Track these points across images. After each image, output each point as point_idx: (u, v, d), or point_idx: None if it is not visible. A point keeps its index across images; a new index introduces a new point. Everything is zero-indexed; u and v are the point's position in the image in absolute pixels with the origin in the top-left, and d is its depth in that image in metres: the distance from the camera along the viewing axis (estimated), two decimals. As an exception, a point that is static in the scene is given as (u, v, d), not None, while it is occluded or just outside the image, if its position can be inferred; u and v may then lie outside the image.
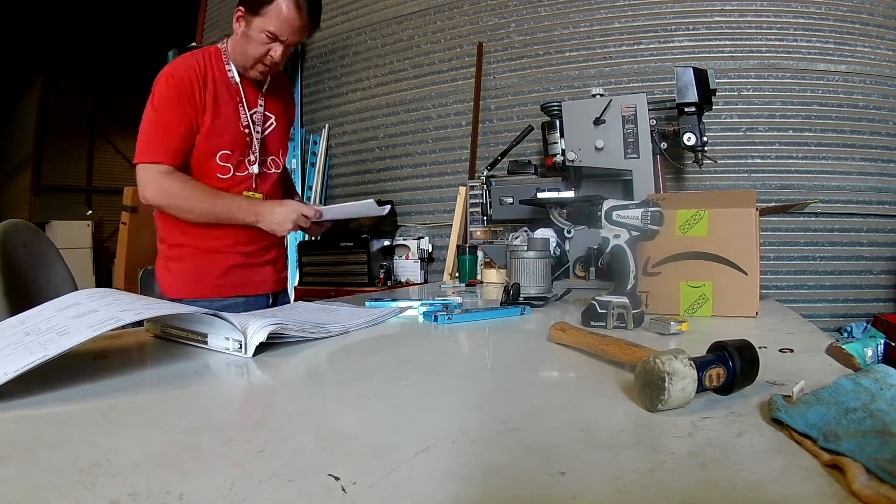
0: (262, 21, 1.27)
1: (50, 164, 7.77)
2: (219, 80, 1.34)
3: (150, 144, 1.28)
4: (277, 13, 1.27)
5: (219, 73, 1.35)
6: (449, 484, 0.37)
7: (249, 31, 1.29)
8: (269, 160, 1.45)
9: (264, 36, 1.29)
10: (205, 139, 1.31)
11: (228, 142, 1.34)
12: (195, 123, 1.30)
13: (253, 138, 1.39)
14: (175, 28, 2.88)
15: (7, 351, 0.61)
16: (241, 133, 1.37)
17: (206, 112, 1.30)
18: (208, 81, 1.32)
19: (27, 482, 0.38)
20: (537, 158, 2.57)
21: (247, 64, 1.34)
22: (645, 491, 0.35)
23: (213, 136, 1.32)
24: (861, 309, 2.65)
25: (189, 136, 1.30)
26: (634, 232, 0.93)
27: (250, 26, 1.29)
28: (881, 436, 0.38)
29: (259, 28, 1.28)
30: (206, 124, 1.30)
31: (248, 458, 0.41)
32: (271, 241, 1.46)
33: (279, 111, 1.48)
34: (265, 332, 0.76)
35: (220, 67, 1.35)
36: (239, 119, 1.36)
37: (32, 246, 1.39)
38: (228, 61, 1.37)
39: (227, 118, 1.34)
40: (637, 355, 0.60)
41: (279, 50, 1.31)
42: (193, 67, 1.30)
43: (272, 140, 1.45)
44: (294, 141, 3.72)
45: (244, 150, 1.38)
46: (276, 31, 1.28)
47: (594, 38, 2.95)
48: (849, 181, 2.66)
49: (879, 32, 2.66)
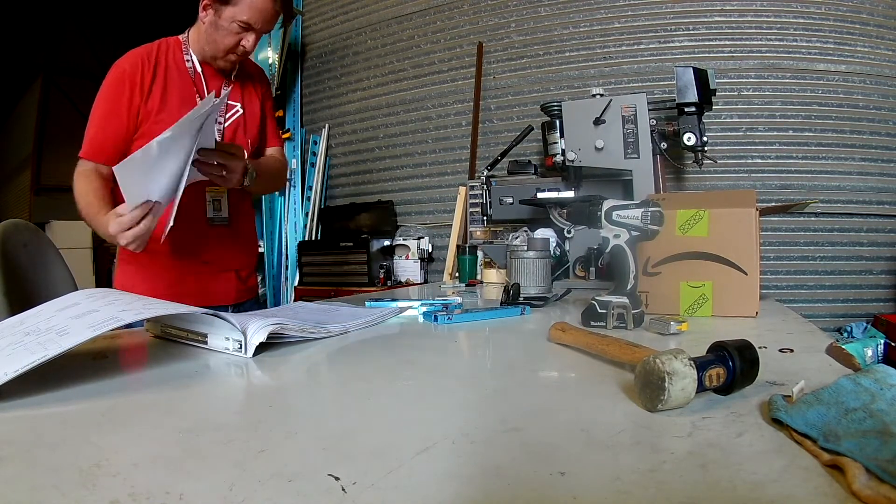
0: (233, 10, 1.23)
1: (50, 164, 7.77)
2: (172, 69, 1.29)
3: (85, 139, 1.25)
4: (250, 2, 1.22)
5: (173, 63, 1.30)
6: (449, 484, 0.37)
7: (220, 21, 1.25)
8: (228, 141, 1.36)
9: (236, 25, 1.24)
10: (151, 128, 1.24)
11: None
12: (134, 113, 1.24)
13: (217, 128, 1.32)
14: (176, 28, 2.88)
15: (7, 351, 0.61)
16: None
17: (150, 100, 1.25)
18: (159, 70, 1.27)
19: (27, 482, 0.38)
20: (537, 158, 2.57)
21: (217, 54, 1.29)
22: (645, 491, 0.35)
23: (159, 125, 1.22)
24: (861, 309, 2.65)
25: (120, 127, 1.23)
26: (634, 232, 0.93)
27: (220, 16, 1.24)
28: (881, 436, 0.38)
29: (230, 17, 1.24)
30: (152, 112, 1.25)
31: (248, 458, 0.41)
32: (236, 249, 1.41)
33: (248, 97, 1.41)
34: (265, 332, 0.76)
35: (176, 56, 1.31)
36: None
37: (32, 246, 1.39)
38: (188, 50, 1.32)
39: (175, 108, 1.26)
40: (637, 355, 0.60)
41: (251, 39, 1.27)
42: (141, 56, 1.26)
43: (237, 130, 1.38)
44: (294, 141, 3.72)
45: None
46: (249, 20, 1.24)
47: (594, 38, 2.95)
48: (849, 181, 2.66)
49: (879, 32, 2.66)
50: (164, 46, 1.31)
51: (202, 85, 1.33)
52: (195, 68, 1.32)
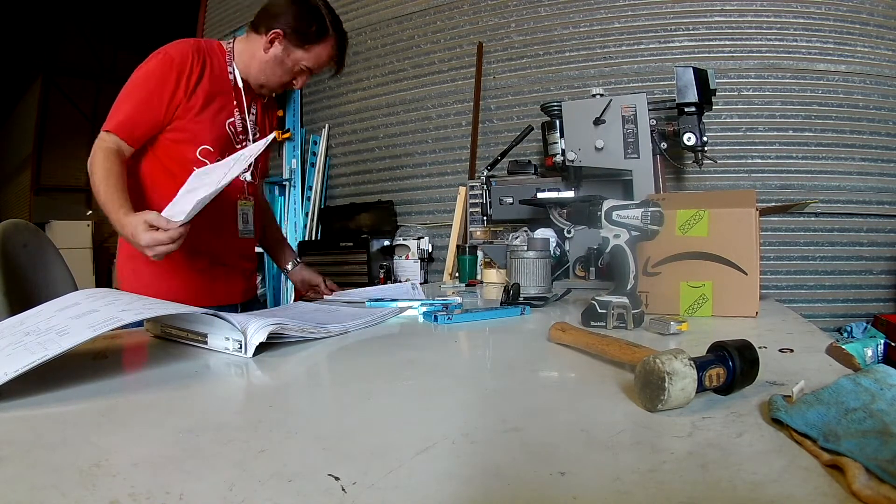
0: (303, 55, 1.28)
1: (50, 164, 7.77)
2: (217, 74, 1.29)
3: (115, 113, 1.19)
4: (319, 53, 1.29)
5: (218, 69, 1.30)
6: (449, 484, 0.37)
7: (286, 60, 1.28)
8: (252, 170, 1.40)
9: (300, 68, 1.30)
10: (186, 125, 1.23)
11: (211, 139, 1.27)
12: (175, 105, 1.22)
13: (248, 144, 1.34)
14: (175, 28, 2.89)
15: (7, 351, 0.61)
16: (226, 133, 1.31)
17: (193, 98, 1.23)
18: (206, 71, 1.26)
19: (27, 482, 0.38)
20: (537, 158, 2.57)
21: (269, 85, 1.33)
22: (645, 491, 0.35)
23: (199, 124, 1.25)
24: (861, 309, 2.65)
25: (157, 116, 1.21)
26: (634, 232, 0.93)
27: (289, 55, 1.28)
28: (881, 436, 0.38)
29: (297, 60, 1.29)
30: (191, 112, 1.23)
31: (248, 458, 0.41)
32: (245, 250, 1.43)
33: (265, 123, 1.45)
34: (265, 332, 0.76)
35: (220, 64, 1.31)
36: (229, 119, 1.31)
37: (32, 246, 1.39)
38: (232, 62, 1.32)
39: (214, 113, 1.27)
40: (637, 355, 0.60)
41: (304, 80, 1.34)
42: (192, 52, 1.24)
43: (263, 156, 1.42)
44: (294, 141, 3.72)
45: (226, 152, 1.29)
46: (313, 68, 1.31)
47: (594, 38, 2.95)
48: (849, 181, 2.66)
49: (879, 32, 2.66)
50: (209, 48, 1.30)
51: (242, 99, 1.34)
52: (237, 82, 1.33)
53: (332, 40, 1.30)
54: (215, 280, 1.35)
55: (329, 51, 1.31)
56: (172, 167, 1.24)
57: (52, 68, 7.69)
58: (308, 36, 1.27)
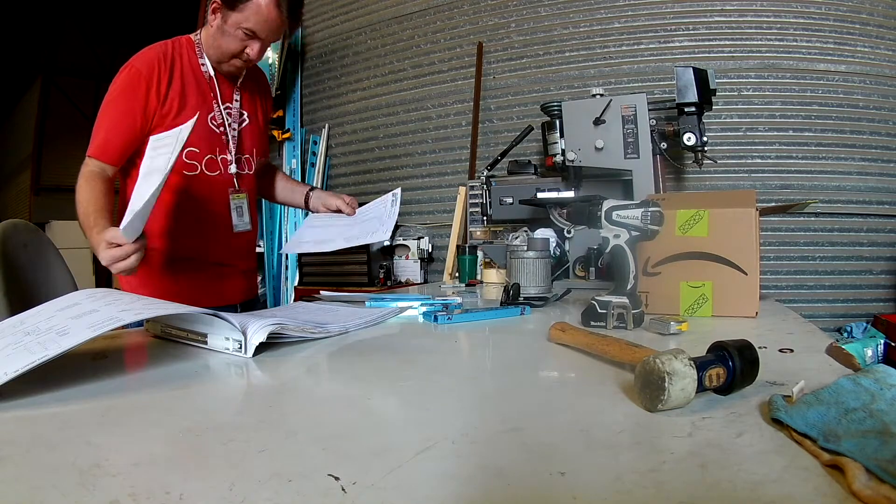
0: (238, 16, 1.20)
1: (50, 164, 7.77)
2: (188, 72, 1.26)
3: (94, 137, 1.21)
4: (256, 10, 1.20)
5: (188, 65, 1.27)
6: (449, 484, 0.37)
7: (225, 26, 1.22)
8: (243, 158, 1.37)
9: (241, 32, 1.22)
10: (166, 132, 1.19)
11: (193, 139, 1.23)
12: (149, 116, 1.20)
13: (229, 136, 1.32)
14: (175, 28, 2.89)
15: (7, 351, 0.61)
16: (210, 130, 1.29)
17: (167, 104, 1.22)
18: (175, 73, 1.24)
19: (27, 482, 0.38)
20: (537, 158, 2.57)
21: (221, 59, 1.27)
22: (645, 491, 0.35)
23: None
24: (861, 309, 2.65)
25: (134, 131, 1.20)
26: (634, 232, 0.93)
27: (227, 21, 1.22)
28: (881, 436, 0.38)
29: (235, 24, 1.21)
30: (169, 116, 1.22)
31: (248, 458, 0.41)
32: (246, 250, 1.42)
33: (254, 106, 1.41)
34: (265, 332, 0.76)
35: (191, 59, 1.28)
36: (208, 114, 1.29)
37: (32, 246, 1.39)
38: (202, 53, 1.29)
39: (193, 112, 1.23)
40: (637, 355, 0.60)
41: (256, 47, 1.25)
42: (158, 58, 1.22)
43: (246, 137, 1.38)
44: (294, 141, 3.72)
45: (214, 148, 1.30)
46: (254, 29, 1.22)
47: (594, 38, 2.95)
48: (849, 181, 2.66)
49: (879, 32, 2.66)
50: (178, 47, 1.28)
51: (216, 89, 1.31)
52: (209, 72, 1.30)
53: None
54: (214, 280, 1.35)
55: (267, 8, 1.19)
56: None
57: (51, 68, 7.68)
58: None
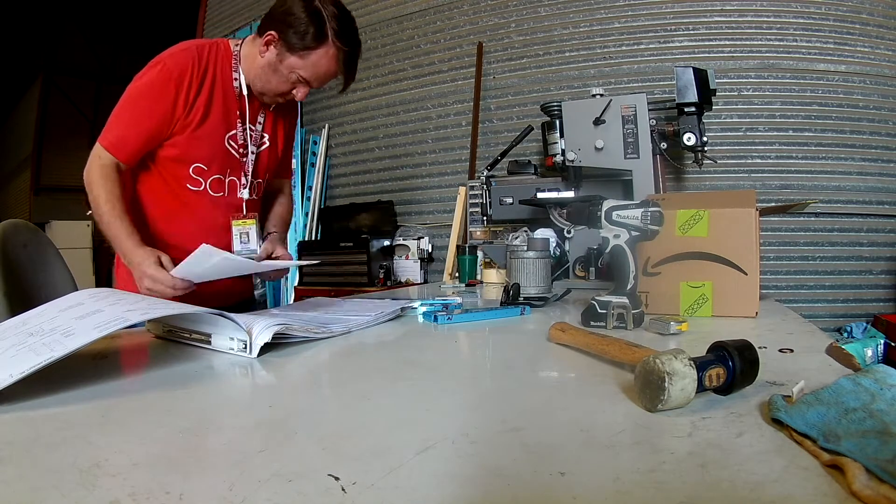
0: (297, 62, 1.14)
1: (50, 164, 7.77)
2: (218, 83, 1.19)
3: (111, 128, 1.14)
4: (317, 62, 1.14)
5: (220, 76, 1.19)
6: (449, 484, 0.37)
7: (280, 66, 1.15)
8: (255, 183, 1.30)
9: (294, 76, 1.16)
10: (185, 142, 1.17)
11: (205, 155, 1.20)
12: (173, 122, 1.15)
13: (248, 159, 1.26)
14: (175, 28, 2.90)
15: (11, 352, 0.61)
16: (223, 149, 1.22)
17: (192, 113, 1.16)
18: (206, 82, 1.16)
19: (27, 482, 0.38)
20: (537, 158, 2.57)
21: (265, 92, 1.20)
22: (645, 491, 0.35)
23: (193, 141, 1.17)
24: (861, 309, 2.66)
25: (155, 131, 1.15)
26: (634, 232, 0.93)
27: (282, 61, 1.14)
28: (881, 436, 0.38)
29: (291, 67, 1.14)
30: (190, 127, 1.16)
31: (248, 458, 0.41)
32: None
33: (277, 129, 1.34)
34: (270, 333, 0.76)
35: (224, 70, 1.20)
36: (228, 132, 1.22)
37: (32, 246, 1.39)
38: (238, 67, 1.21)
39: (212, 129, 1.18)
40: (637, 355, 0.60)
41: (304, 91, 1.19)
42: (192, 62, 1.15)
43: (262, 161, 1.31)
44: (294, 141, 3.72)
45: (224, 169, 1.24)
46: (310, 79, 1.16)
47: (594, 38, 2.95)
48: (849, 181, 2.67)
49: (879, 32, 2.66)
50: (213, 53, 1.19)
51: (245, 109, 1.23)
52: (241, 90, 1.22)
53: (331, 50, 1.13)
54: (206, 285, 1.33)
55: (328, 62, 1.14)
56: (171, 182, 1.21)
57: (52, 68, 7.68)
58: (302, 41, 1.11)
